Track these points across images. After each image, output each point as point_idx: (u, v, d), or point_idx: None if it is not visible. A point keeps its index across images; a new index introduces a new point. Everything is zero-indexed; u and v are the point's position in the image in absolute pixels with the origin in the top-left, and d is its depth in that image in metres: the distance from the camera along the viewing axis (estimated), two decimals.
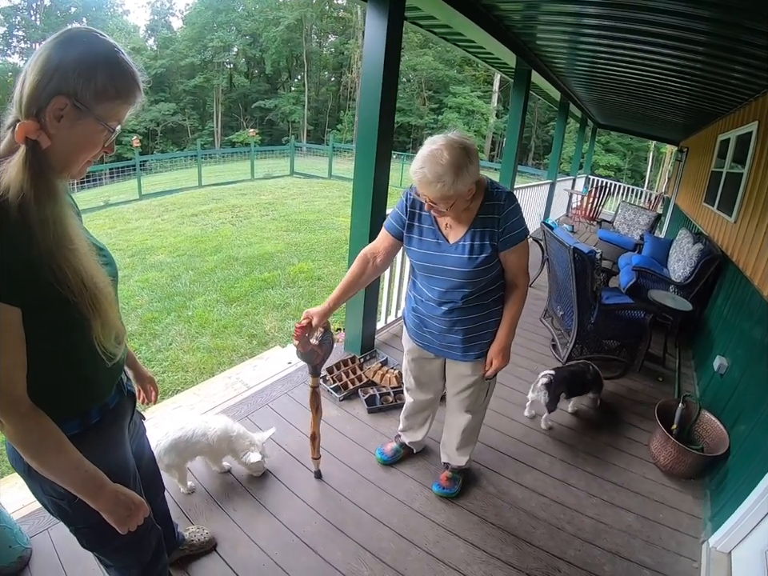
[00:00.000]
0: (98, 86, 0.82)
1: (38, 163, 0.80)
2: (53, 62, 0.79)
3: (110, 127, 0.88)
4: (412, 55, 30.33)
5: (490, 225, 1.65)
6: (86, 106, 0.82)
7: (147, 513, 1.09)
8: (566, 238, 3.32)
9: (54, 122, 0.81)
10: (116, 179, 14.12)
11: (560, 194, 9.94)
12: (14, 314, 0.81)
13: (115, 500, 1.00)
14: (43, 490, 1.04)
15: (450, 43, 4.93)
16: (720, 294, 3.92)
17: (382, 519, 2.10)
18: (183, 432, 2.02)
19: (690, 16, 2.70)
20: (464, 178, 1.47)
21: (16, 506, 1.98)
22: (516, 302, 1.80)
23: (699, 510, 2.36)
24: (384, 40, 2.58)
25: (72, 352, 0.95)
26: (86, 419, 1.03)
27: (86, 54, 0.81)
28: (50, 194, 0.82)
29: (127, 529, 1.04)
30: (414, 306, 1.96)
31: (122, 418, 1.19)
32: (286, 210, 10.59)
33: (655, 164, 27.44)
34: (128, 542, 1.20)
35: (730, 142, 4.82)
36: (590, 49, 4.29)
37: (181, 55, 34.25)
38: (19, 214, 0.77)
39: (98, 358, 0.97)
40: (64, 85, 0.79)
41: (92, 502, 0.97)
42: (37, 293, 0.83)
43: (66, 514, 1.08)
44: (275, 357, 3.61)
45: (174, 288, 5.76)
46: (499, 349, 1.83)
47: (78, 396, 1.01)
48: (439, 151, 1.45)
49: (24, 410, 0.86)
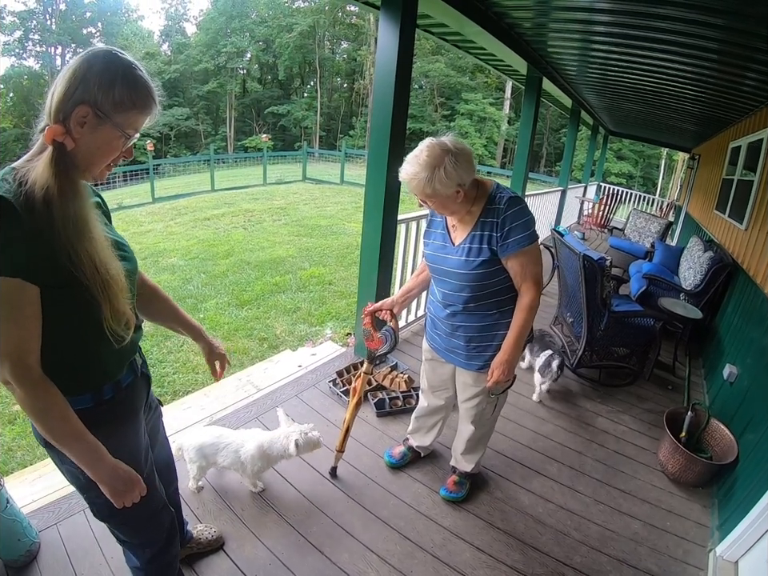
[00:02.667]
0: (116, 97, 0.93)
1: (63, 162, 0.91)
2: (78, 75, 0.91)
3: (127, 134, 0.99)
4: (424, 62, 30.36)
5: (488, 229, 1.66)
6: (105, 114, 0.93)
7: (144, 491, 1.15)
8: (576, 245, 3.32)
9: (78, 127, 0.92)
10: (130, 182, 14.25)
11: (571, 202, 9.92)
12: (33, 291, 0.92)
13: (112, 473, 1.07)
14: (60, 459, 1.12)
15: (461, 51, 4.95)
16: (730, 302, 3.90)
17: (389, 522, 2.11)
18: (216, 440, 2.05)
19: (702, 23, 2.70)
20: (440, 178, 1.52)
21: (26, 501, 2.03)
22: (522, 312, 1.72)
23: (707, 518, 2.35)
24: (396, 47, 2.61)
25: (82, 331, 1.04)
26: (99, 395, 1.12)
27: (106, 69, 0.93)
28: (73, 190, 0.93)
29: (122, 503, 1.10)
30: (429, 307, 2.04)
31: (137, 398, 1.26)
32: (298, 214, 10.65)
33: (667, 171, 27.25)
34: (139, 516, 1.26)
35: (741, 149, 4.79)
36: (601, 56, 4.30)
37: (194, 60, 34.53)
38: (43, 205, 0.89)
39: (105, 341, 1.05)
40: (87, 95, 0.91)
41: (90, 471, 1.05)
42: (55, 274, 0.94)
43: (81, 482, 1.14)
44: (285, 360, 3.64)
45: (185, 291, 5.82)
46: (501, 361, 1.75)
47: (90, 373, 1.10)
48: (421, 151, 1.56)
49: (35, 378, 0.95)
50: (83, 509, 1.98)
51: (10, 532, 1.69)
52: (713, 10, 2.50)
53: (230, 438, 2.08)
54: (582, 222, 10.40)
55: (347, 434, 2.24)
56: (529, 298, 1.70)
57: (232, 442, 2.06)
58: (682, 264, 5.18)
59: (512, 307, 1.77)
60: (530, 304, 1.70)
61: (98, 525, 1.89)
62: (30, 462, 2.75)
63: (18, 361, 0.92)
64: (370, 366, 2.20)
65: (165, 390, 3.72)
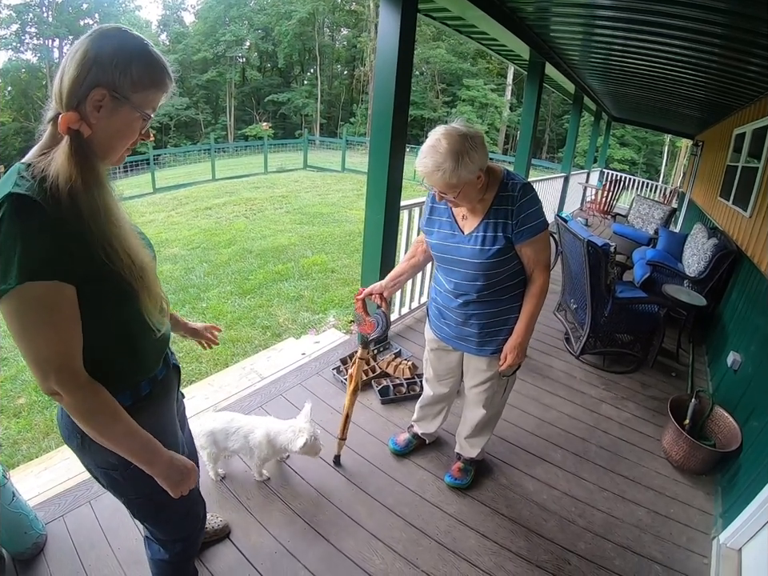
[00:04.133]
0: (134, 77, 0.88)
1: (83, 150, 0.85)
2: (89, 56, 0.84)
3: (146, 114, 0.94)
4: (425, 48, 30.13)
5: (503, 216, 1.64)
6: (123, 95, 0.88)
7: (198, 477, 1.15)
8: (580, 230, 3.30)
9: (95, 112, 0.87)
10: (130, 173, 14.18)
11: (574, 188, 9.88)
12: (70, 290, 0.86)
13: (169, 464, 1.05)
14: (96, 463, 1.10)
15: (463, 36, 4.89)
16: (734, 290, 3.89)
17: (394, 509, 2.12)
18: (227, 425, 2.05)
19: (707, 8, 2.66)
20: (466, 164, 1.48)
21: (32, 494, 2.04)
22: (534, 297, 1.76)
23: (710, 506, 2.35)
24: (397, 33, 2.58)
25: (124, 325, 1.01)
26: (137, 391, 1.09)
27: (120, 48, 0.87)
28: (97, 180, 0.88)
29: (180, 492, 1.08)
30: (434, 297, 2.01)
31: (171, 390, 1.24)
32: (300, 203, 10.60)
33: (670, 158, 27.13)
34: (178, 511, 1.26)
35: (745, 135, 4.76)
36: (604, 41, 4.24)
37: (193, 50, 34.29)
38: (69, 198, 0.83)
39: (147, 330, 1.04)
40: (102, 77, 0.85)
41: (148, 467, 1.02)
42: (92, 269, 0.89)
43: (119, 484, 1.13)
44: (289, 348, 3.64)
45: (188, 280, 5.81)
46: (514, 344, 1.79)
47: (130, 369, 1.07)
48: (438, 140, 1.49)
49: (82, 382, 0.91)
50: (89, 500, 1.99)
51: (17, 525, 1.70)
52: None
53: (241, 422, 2.08)
54: (585, 208, 10.35)
55: (347, 420, 2.25)
56: (541, 282, 1.75)
57: (242, 426, 2.06)
58: (686, 251, 5.16)
59: (522, 290, 1.80)
60: (542, 288, 1.76)
61: (105, 516, 1.92)
62: (36, 455, 2.76)
63: (64, 367, 0.88)
64: (365, 351, 2.21)
65: None
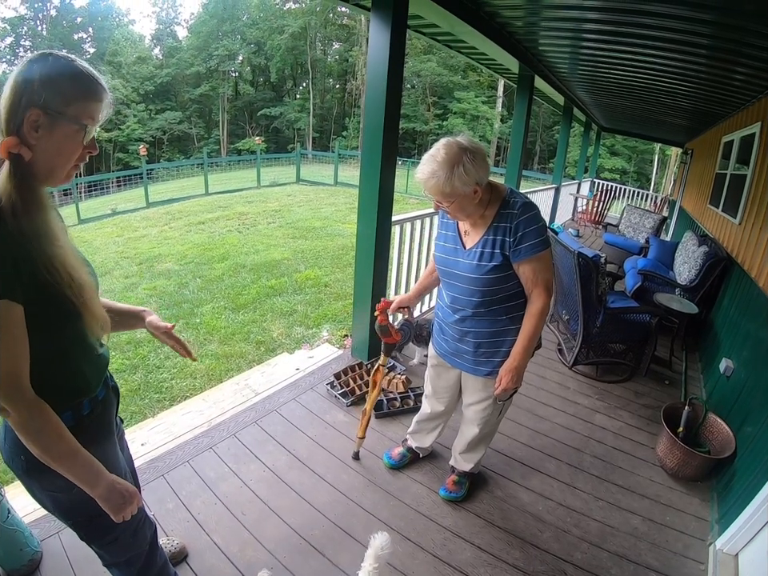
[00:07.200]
0: (63, 92, 0.92)
1: (21, 174, 0.89)
2: (20, 82, 0.89)
3: (84, 125, 0.96)
4: (416, 61, 30.43)
5: (501, 233, 1.65)
6: (57, 111, 0.91)
7: (140, 502, 1.15)
8: (570, 242, 3.33)
9: (33, 132, 0.90)
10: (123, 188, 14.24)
11: (565, 198, 9.94)
12: (18, 309, 0.89)
13: (111, 487, 1.06)
14: (41, 486, 1.10)
15: (453, 50, 4.96)
16: (726, 296, 3.92)
17: (390, 523, 2.11)
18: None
19: (692, 19, 2.71)
20: (460, 175, 1.51)
21: (27, 510, 2.01)
22: (532, 318, 1.72)
23: (706, 512, 2.36)
24: (387, 48, 2.61)
25: (66, 346, 1.04)
26: (79, 411, 1.10)
27: (46, 69, 0.91)
28: (36, 202, 0.92)
29: (122, 517, 1.09)
30: (437, 311, 2.03)
31: (110, 410, 1.26)
32: (293, 217, 10.64)
33: (661, 166, 27.40)
34: (124, 533, 1.25)
35: (733, 143, 4.82)
36: (591, 53, 4.31)
37: (186, 64, 34.53)
38: (14, 220, 0.86)
39: (89, 350, 1.08)
40: (35, 98, 0.89)
41: (89, 489, 1.03)
42: (36, 289, 0.91)
43: (64, 507, 1.13)
44: (283, 363, 3.64)
45: (181, 295, 5.81)
46: (510, 367, 1.76)
47: (72, 389, 1.09)
48: (438, 150, 1.56)
49: (29, 399, 0.93)
50: None
51: (12, 542, 1.69)
52: (702, 5, 2.51)
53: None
54: (577, 218, 10.43)
55: (365, 418, 2.36)
56: (540, 303, 1.70)
57: None
58: (677, 259, 5.20)
59: (521, 313, 1.77)
60: (541, 310, 1.70)
61: None
62: None
63: (11, 384, 0.91)
64: (386, 358, 2.27)
65: (163, 395, 3.71)
